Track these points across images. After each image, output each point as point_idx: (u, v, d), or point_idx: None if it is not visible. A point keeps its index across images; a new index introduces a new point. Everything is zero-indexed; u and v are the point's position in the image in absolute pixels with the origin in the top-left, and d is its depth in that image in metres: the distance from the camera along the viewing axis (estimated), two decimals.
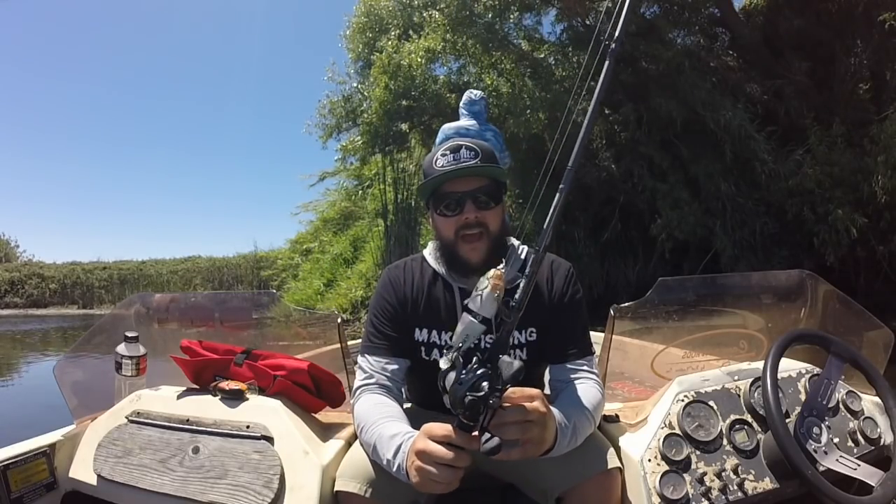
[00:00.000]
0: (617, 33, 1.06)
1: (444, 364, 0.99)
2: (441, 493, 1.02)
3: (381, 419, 1.18)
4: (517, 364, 0.96)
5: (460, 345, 1.00)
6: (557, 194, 1.05)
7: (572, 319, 1.36)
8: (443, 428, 0.98)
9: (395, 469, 1.08)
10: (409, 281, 1.41)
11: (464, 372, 0.95)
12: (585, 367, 1.31)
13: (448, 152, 1.33)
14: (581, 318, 1.38)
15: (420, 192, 1.41)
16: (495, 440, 0.94)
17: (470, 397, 0.92)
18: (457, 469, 0.97)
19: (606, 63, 1.04)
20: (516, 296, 1.03)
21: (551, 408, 1.08)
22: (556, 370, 1.34)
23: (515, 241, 1.47)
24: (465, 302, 1.04)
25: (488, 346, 1.14)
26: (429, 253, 1.45)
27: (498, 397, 0.93)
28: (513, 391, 0.98)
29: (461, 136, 2.16)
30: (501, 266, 1.04)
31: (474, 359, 0.97)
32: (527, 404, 0.99)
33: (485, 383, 0.92)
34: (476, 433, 0.96)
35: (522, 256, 1.42)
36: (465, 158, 1.31)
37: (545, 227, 1.04)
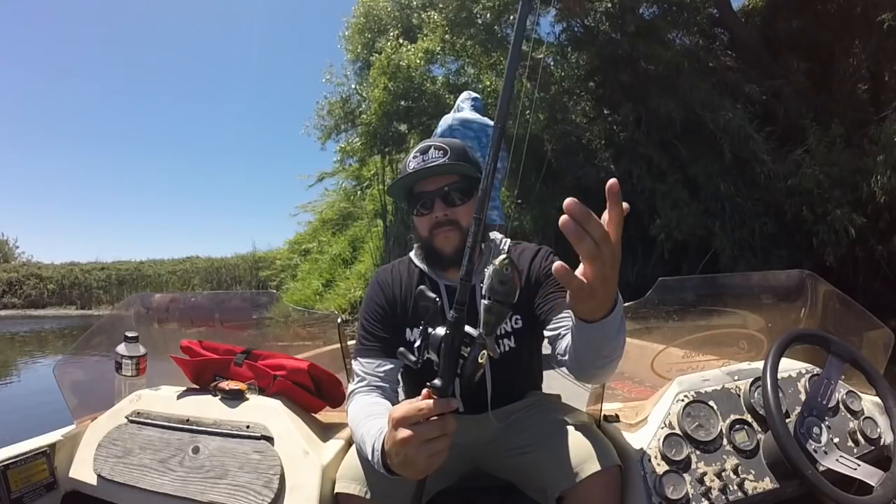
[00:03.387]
0: None
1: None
2: (445, 487, 0.99)
3: (364, 419, 1.18)
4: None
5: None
6: (489, 151, 0.93)
7: (556, 282, 1.30)
8: (407, 408, 0.93)
9: (377, 468, 1.06)
10: (398, 282, 1.43)
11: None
12: None
13: (418, 154, 1.37)
14: None
15: (391, 194, 1.43)
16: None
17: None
18: (444, 437, 0.92)
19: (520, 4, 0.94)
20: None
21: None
22: (560, 320, 1.26)
23: (498, 235, 1.49)
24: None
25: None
26: (414, 254, 1.48)
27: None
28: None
29: (465, 128, 2.17)
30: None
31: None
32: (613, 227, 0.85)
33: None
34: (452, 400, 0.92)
35: (505, 249, 1.42)
36: (433, 158, 1.34)
37: (481, 187, 0.94)
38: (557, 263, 0.84)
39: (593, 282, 0.86)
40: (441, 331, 0.94)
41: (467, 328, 0.93)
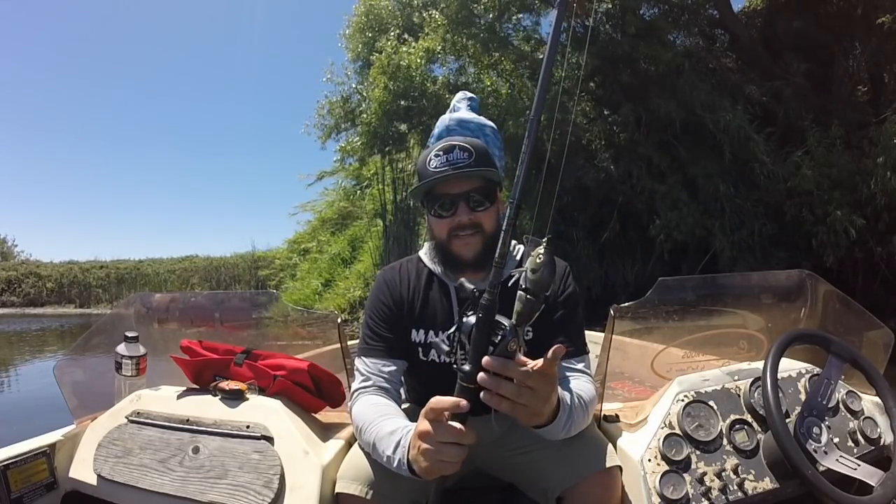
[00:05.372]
0: None
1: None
2: (445, 487, 1.01)
3: (378, 417, 1.18)
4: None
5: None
6: (523, 146, 0.97)
7: (567, 317, 1.35)
8: (442, 402, 0.95)
9: (395, 465, 1.07)
10: (405, 282, 1.41)
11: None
12: (580, 367, 1.31)
13: (441, 153, 1.32)
14: (576, 317, 1.37)
15: (413, 194, 1.41)
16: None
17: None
18: (462, 446, 0.94)
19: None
20: (509, 284, 1.03)
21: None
22: None
23: (513, 240, 1.47)
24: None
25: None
26: (424, 253, 1.45)
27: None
28: (536, 362, 0.94)
29: (462, 128, 2.17)
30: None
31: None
32: (539, 372, 0.94)
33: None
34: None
35: (518, 256, 1.42)
36: (459, 159, 1.31)
37: (516, 178, 0.97)
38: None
39: (524, 419, 1.00)
40: (473, 318, 0.95)
41: (500, 318, 0.94)
